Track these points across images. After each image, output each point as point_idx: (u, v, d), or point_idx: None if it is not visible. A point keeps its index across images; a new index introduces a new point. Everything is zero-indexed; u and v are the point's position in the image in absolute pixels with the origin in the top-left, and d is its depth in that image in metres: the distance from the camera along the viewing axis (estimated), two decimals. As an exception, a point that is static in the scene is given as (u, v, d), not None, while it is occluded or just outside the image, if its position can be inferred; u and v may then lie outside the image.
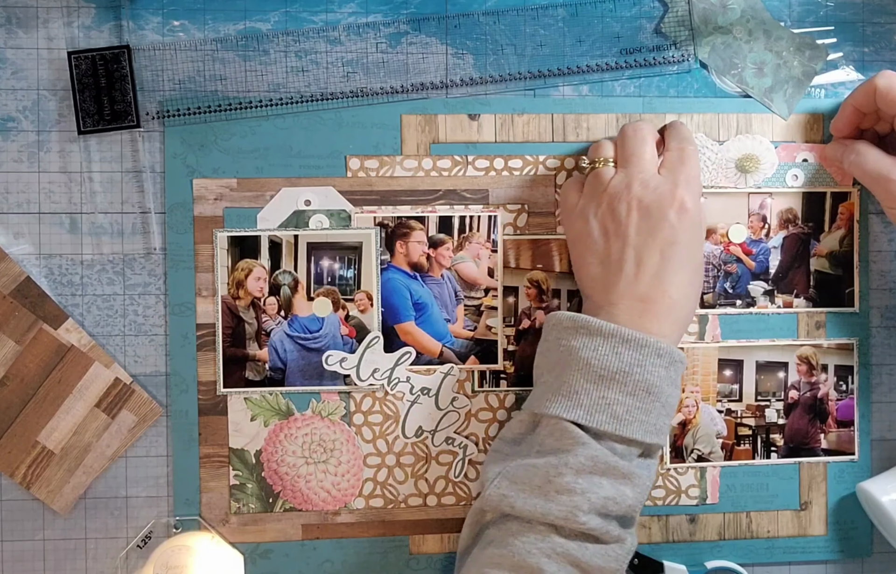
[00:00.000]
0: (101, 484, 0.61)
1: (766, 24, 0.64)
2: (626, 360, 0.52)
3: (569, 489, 0.50)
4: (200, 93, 0.61)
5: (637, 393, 0.52)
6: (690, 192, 0.55)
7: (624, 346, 0.52)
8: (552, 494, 0.51)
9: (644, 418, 0.52)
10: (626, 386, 0.52)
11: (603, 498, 0.51)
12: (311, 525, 0.62)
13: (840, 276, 0.65)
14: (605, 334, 0.52)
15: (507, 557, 0.51)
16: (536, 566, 0.50)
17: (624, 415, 0.52)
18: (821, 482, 0.65)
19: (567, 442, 0.52)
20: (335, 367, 0.61)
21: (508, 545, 0.51)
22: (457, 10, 0.62)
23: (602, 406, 0.52)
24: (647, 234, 0.54)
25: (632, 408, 0.52)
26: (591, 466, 0.51)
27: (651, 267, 0.54)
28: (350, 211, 0.62)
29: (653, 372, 0.52)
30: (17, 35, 0.60)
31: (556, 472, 0.51)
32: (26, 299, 0.60)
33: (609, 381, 0.52)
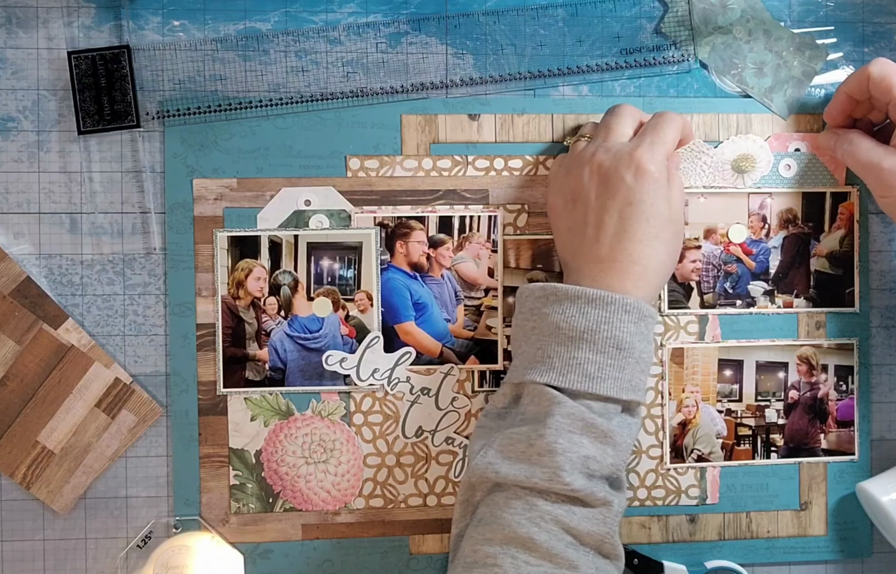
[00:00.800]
0: (101, 484, 0.61)
1: (766, 24, 0.64)
2: (592, 318, 0.52)
3: (549, 449, 0.51)
4: (200, 93, 0.61)
5: (607, 350, 0.52)
6: (653, 154, 0.55)
7: (590, 306, 0.53)
8: (535, 458, 0.51)
9: (617, 375, 0.53)
10: (596, 344, 0.52)
11: (583, 456, 0.51)
12: (311, 525, 0.62)
13: (840, 276, 0.65)
14: (572, 297, 0.53)
15: (497, 531, 0.51)
16: (527, 536, 0.50)
17: (596, 373, 0.52)
18: (821, 482, 0.65)
19: (545, 404, 0.52)
20: (335, 366, 0.61)
21: (497, 519, 0.51)
22: (457, 10, 0.62)
23: (573, 366, 0.52)
24: (605, 197, 0.55)
25: (603, 365, 0.52)
26: (569, 425, 0.51)
27: (610, 228, 0.55)
28: (350, 211, 0.62)
29: (621, 328, 0.52)
30: (17, 35, 0.60)
31: (537, 434, 0.51)
32: (26, 299, 0.60)
33: (578, 341, 0.52)
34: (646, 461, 0.64)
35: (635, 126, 0.58)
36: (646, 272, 0.55)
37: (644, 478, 0.64)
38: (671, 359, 0.64)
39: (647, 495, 0.64)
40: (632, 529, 0.64)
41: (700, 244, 0.64)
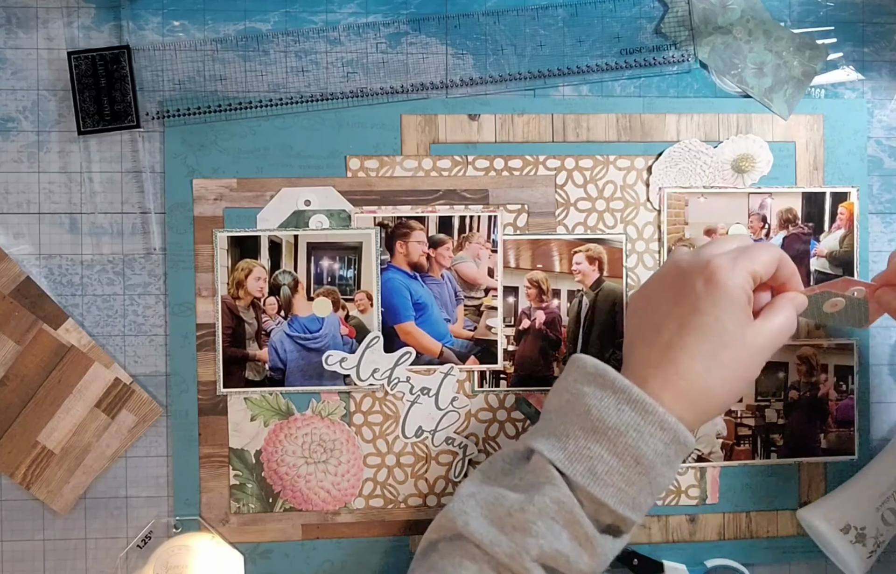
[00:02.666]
0: (101, 484, 0.61)
1: (766, 24, 0.64)
2: (625, 419, 0.48)
3: (524, 528, 0.48)
4: (200, 93, 0.61)
5: (624, 458, 0.48)
6: (733, 267, 0.50)
7: (628, 405, 0.49)
8: (508, 529, 0.48)
9: (623, 486, 0.48)
10: (616, 446, 0.48)
11: (555, 550, 0.48)
12: (311, 525, 0.62)
13: (840, 276, 0.65)
14: (616, 388, 0.49)
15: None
16: None
17: (602, 473, 0.48)
18: (820, 482, 0.65)
19: (541, 479, 0.49)
20: (335, 366, 0.61)
21: None
22: (457, 10, 0.62)
23: (584, 457, 0.48)
24: (672, 302, 0.51)
25: (613, 470, 0.48)
26: (555, 510, 0.48)
27: (666, 334, 0.50)
28: (350, 211, 0.62)
29: (649, 443, 0.48)
30: (17, 35, 0.60)
31: (521, 506, 0.48)
32: (26, 299, 0.60)
33: (600, 434, 0.49)
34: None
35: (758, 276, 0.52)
36: (689, 391, 0.49)
37: (644, 478, 0.64)
38: (671, 359, 0.64)
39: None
40: (632, 529, 0.64)
41: (700, 244, 0.64)
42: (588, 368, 0.51)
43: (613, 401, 0.49)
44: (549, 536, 0.48)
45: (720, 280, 0.50)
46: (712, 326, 0.49)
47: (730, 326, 0.50)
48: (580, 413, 0.50)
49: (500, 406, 0.63)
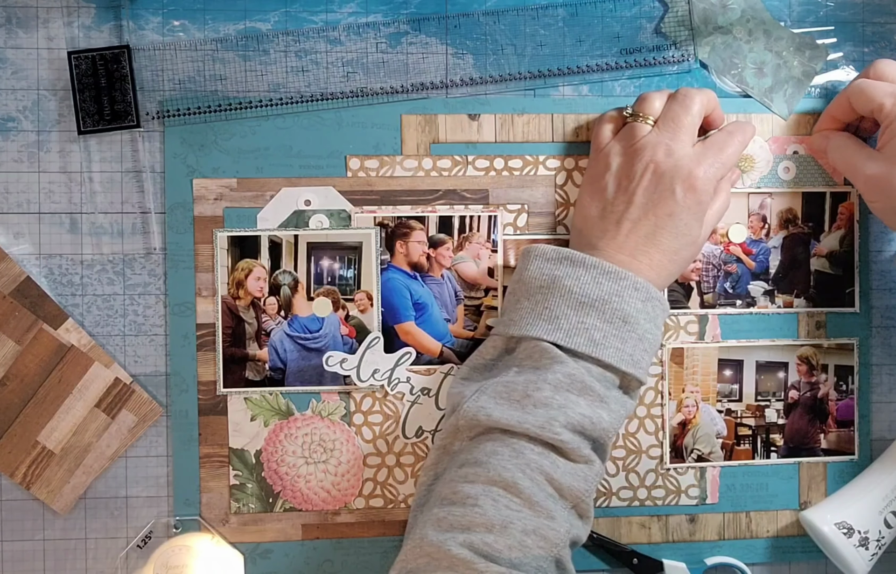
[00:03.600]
0: (101, 484, 0.61)
1: (766, 24, 0.64)
2: (605, 289, 0.54)
3: (546, 403, 0.52)
4: (200, 93, 0.61)
5: (614, 321, 0.54)
6: (708, 176, 0.56)
7: (604, 277, 0.54)
8: (529, 407, 0.52)
9: (620, 346, 0.54)
10: (604, 313, 0.54)
11: (579, 414, 0.52)
12: (311, 525, 0.62)
13: (840, 276, 0.65)
14: (588, 266, 0.55)
15: (481, 474, 0.52)
16: (511, 480, 0.51)
17: (601, 339, 0.54)
18: (820, 482, 0.65)
19: (546, 361, 0.54)
20: (335, 367, 0.61)
21: (482, 463, 0.52)
22: (457, 10, 0.62)
23: (581, 330, 0.54)
24: (649, 200, 0.56)
25: (608, 334, 0.54)
26: (569, 383, 0.53)
27: (642, 230, 0.56)
28: (350, 211, 0.62)
29: (629, 303, 0.54)
30: (17, 35, 0.60)
31: (535, 386, 0.53)
32: (26, 299, 0.60)
33: (588, 307, 0.54)
34: (646, 461, 0.64)
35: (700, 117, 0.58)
36: (658, 277, 0.57)
37: (644, 478, 0.64)
38: (671, 359, 0.64)
39: (647, 495, 0.64)
40: (632, 529, 0.64)
41: (700, 244, 0.64)
42: (551, 254, 0.56)
43: (590, 276, 0.55)
44: (568, 406, 0.52)
45: (697, 189, 0.56)
46: (683, 229, 0.56)
47: (693, 226, 0.57)
48: (562, 293, 0.55)
49: (500, 406, 0.63)
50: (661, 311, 0.56)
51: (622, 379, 0.55)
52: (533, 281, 0.56)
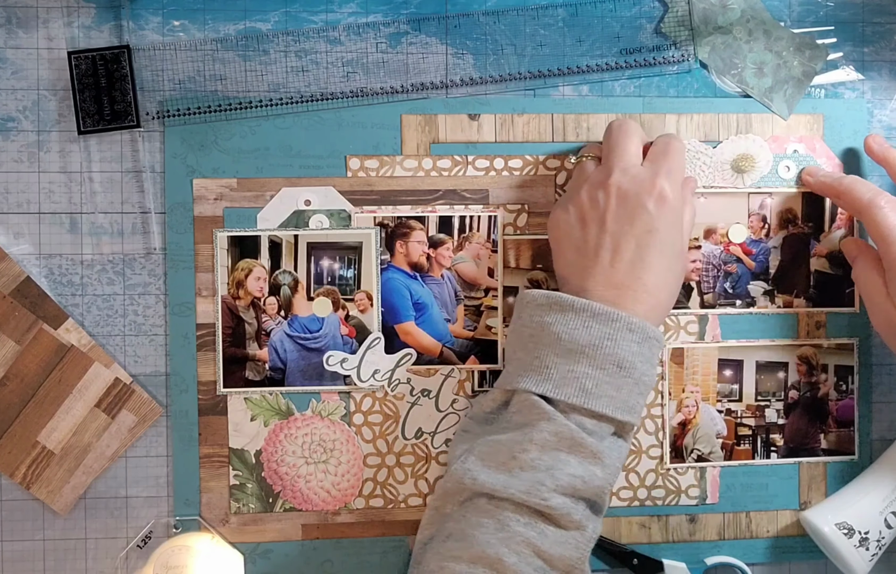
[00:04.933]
0: (101, 484, 0.61)
1: (766, 24, 0.64)
2: (595, 333, 0.51)
3: (532, 465, 0.50)
4: (200, 93, 0.61)
5: (607, 367, 0.51)
6: (671, 182, 0.54)
7: (594, 321, 0.51)
8: (516, 470, 0.50)
9: (614, 394, 0.51)
10: (596, 360, 0.51)
11: (569, 476, 0.50)
12: (311, 525, 0.62)
13: (840, 276, 0.65)
14: (577, 309, 0.52)
15: (465, 549, 0.50)
16: (496, 556, 0.49)
17: (593, 389, 0.51)
18: (820, 482, 0.65)
19: (533, 416, 0.51)
20: (336, 367, 0.61)
21: (467, 537, 0.50)
22: (457, 10, 0.62)
23: (570, 379, 0.51)
24: (624, 222, 0.54)
25: (601, 382, 0.51)
26: (556, 442, 0.50)
27: (627, 254, 0.53)
28: (350, 211, 0.62)
29: (624, 346, 0.51)
30: (17, 35, 0.60)
31: (521, 447, 0.50)
32: (26, 299, 0.60)
33: (578, 354, 0.51)
34: (646, 461, 0.64)
35: (641, 145, 0.57)
36: (658, 303, 0.54)
37: (644, 478, 0.64)
38: (671, 359, 0.64)
39: (647, 495, 0.64)
40: (632, 529, 0.64)
41: (700, 244, 0.64)
42: (540, 300, 0.53)
43: (579, 321, 0.51)
44: (557, 466, 0.50)
45: (667, 199, 0.54)
46: (666, 242, 0.54)
47: (676, 238, 0.55)
48: (551, 342, 0.52)
49: (500, 406, 0.63)
50: (658, 349, 0.54)
51: (617, 426, 0.53)
52: (525, 330, 0.54)
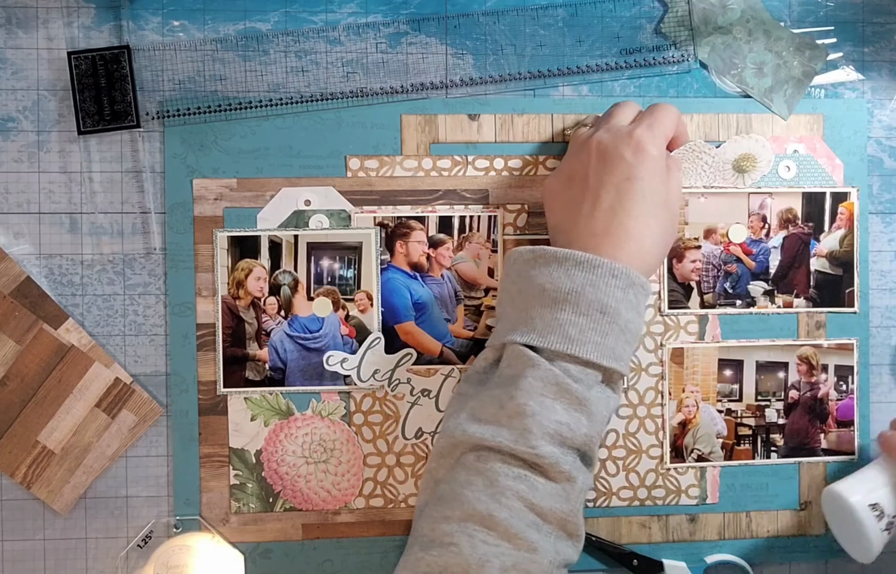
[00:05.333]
0: (101, 484, 0.61)
1: (766, 24, 0.64)
2: (578, 280, 0.51)
3: (519, 412, 0.50)
4: (200, 93, 0.61)
5: (590, 313, 0.51)
6: (652, 135, 0.55)
7: (576, 268, 0.52)
8: (504, 420, 0.50)
9: (599, 340, 0.51)
10: (579, 306, 0.51)
11: (556, 422, 0.50)
12: (311, 525, 0.62)
13: (840, 277, 0.65)
14: (560, 259, 0.52)
15: (456, 509, 0.50)
16: (486, 513, 0.49)
17: (577, 335, 0.51)
18: (821, 482, 0.65)
19: (520, 366, 0.51)
20: (336, 367, 0.61)
21: (457, 496, 0.50)
22: (457, 10, 0.62)
23: (554, 326, 0.51)
24: (603, 173, 0.55)
25: (585, 328, 0.51)
26: (542, 388, 0.50)
27: (606, 202, 0.54)
28: (350, 211, 0.62)
29: (607, 292, 0.51)
30: (17, 35, 0.60)
31: (508, 396, 0.51)
32: (26, 299, 0.60)
33: (562, 302, 0.51)
34: (646, 461, 0.64)
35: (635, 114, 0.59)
36: (640, 249, 0.54)
37: (644, 478, 0.64)
38: (671, 359, 0.64)
39: (647, 495, 0.64)
40: (632, 529, 0.64)
41: (700, 244, 0.64)
42: (526, 255, 0.54)
43: (562, 270, 0.52)
44: (543, 412, 0.50)
45: (646, 148, 0.54)
46: (646, 189, 0.54)
47: (659, 187, 0.55)
48: (535, 294, 0.52)
49: (500, 406, 0.63)
50: (644, 296, 0.53)
51: (604, 374, 0.53)
52: (513, 286, 0.55)
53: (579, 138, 0.58)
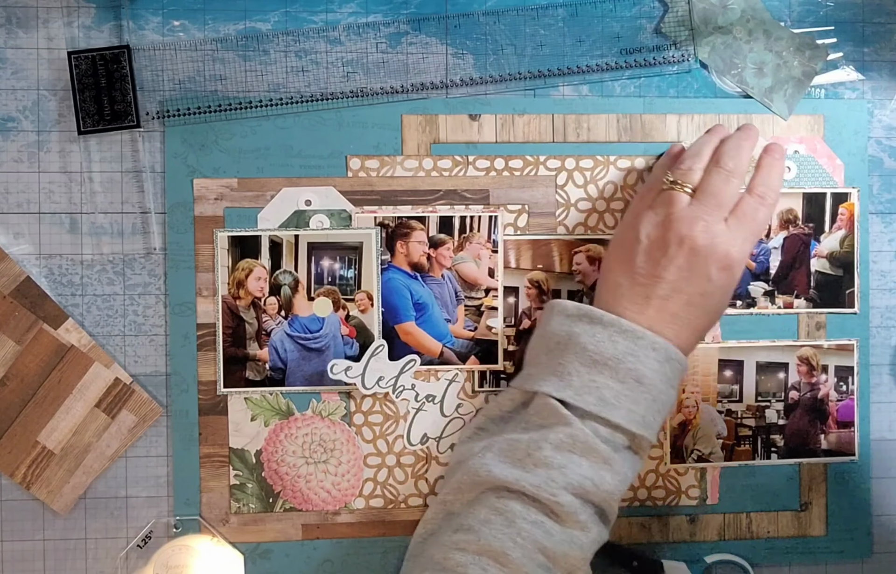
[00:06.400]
0: (101, 484, 0.61)
1: (766, 24, 0.64)
2: (620, 348, 0.53)
3: (546, 463, 0.52)
4: (200, 93, 0.61)
5: (627, 381, 0.53)
6: (743, 254, 0.55)
7: (621, 336, 0.53)
8: (530, 466, 0.52)
9: (632, 407, 0.53)
10: (618, 373, 0.53)
11: (580, 476, 0.51)
12: (311, 525, 0.62)
13: (840, 277, 0.65)
14: (605, 323, 0.54)
15: (472, 542, 0.51)
16: (501, 549, 0.50)
17: (611, 399, 0.52)
18: (821, 483, 0.65)
19: (551, 419, 0.53)
20: (340, 375, 0.61)
21: (475, 531, 0.52)
22: (457, 10, 0.62)
23: (591, 388, 0.53)
24: (684, 280, 0.54)
25: (620, 394, 0.53)
26: (571, 445, 0.52)
27: (672, 307, 0.54)
28: (350, 211, 0.62)
29: (646, 363, 0.53)
30: (17, 35, 0.60)
31: (537, 446, 0.52)
32: (26, 299, 0.60)
33: (602, 366, 0.53)
34: (646, 461, 0.64)
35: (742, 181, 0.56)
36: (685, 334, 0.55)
37: (644, 478, 0.64)
38: (671, 359, 0.64)
39: (647, 495, 0.64)
40: (632, 529, 0.64)
41: (700, 244, 0.64)
42: (571, 310, 0.55)
43: (606, 334, 0.53)
44: (570, 466, 0.51)
45: (732, 269, 0.55)
46: (714, 306, 0.55)
47: (724, 303, 0.56)
48: (577, 351, 0.54)
49: (501, 406, 0.63)
50: (680, 372, 0.55)
51: (632, 440, 0.54)
52: (552, 336, 0.55)
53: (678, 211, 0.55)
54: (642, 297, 0.54)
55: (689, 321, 0.54)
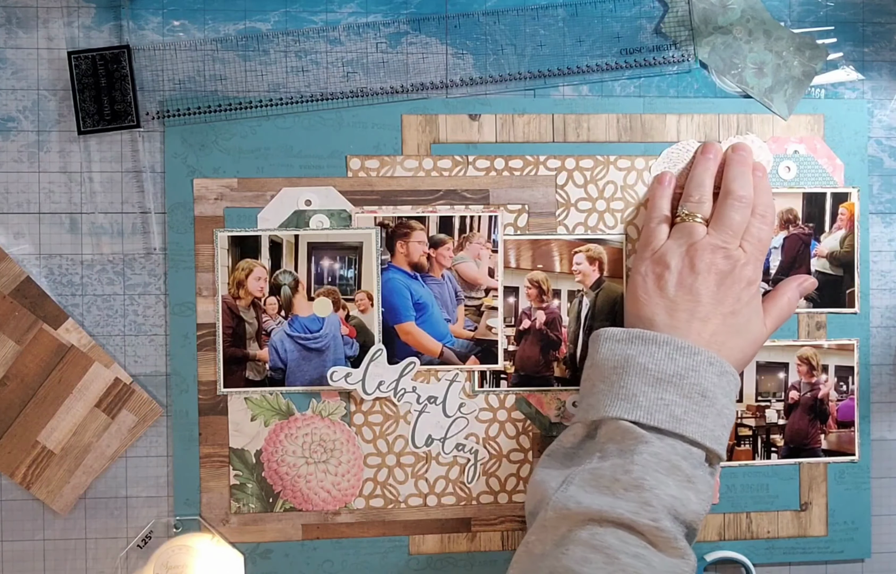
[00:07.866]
0: (101, 484, 0.61)
1: (766, 24, 0.64)
2: (680, 364, 0.54)
3: (637, 485, 0.50)
4: (200, 93, 0.61)
5: (692, 395, 0.53)
6: (758, 269, 0.59)
7: (678, 353, 0.54)
8: (620, 491, 0.50)
9: (701, 421, 0.53)
10: (682, 388, 0.53)
11: (671, 497, 0.50)
12: (311, 525, 0.62)
13: (840, 277, 0.65)
14: (660, 342, 0.54)
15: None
16: None
17: (682, 415, 0.53)
18: (821, 483, 0.65)
19: (630, 442, 0.52)
20: (340, 382, 0.60)
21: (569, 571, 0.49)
22: (457, 10, 0.62)
23: (660, 406, 0.53)
24: (717, 301, 0.57)
25: (689, 409, 0.53)
26: (656, 463, 0.51)
27: (712, 327, 0.57)
28: (350, 211, 0.62)
29: (706, 378, 0.54)
30: (17, 35, 0.60)
31: (623, 469, 0.51)
32: (26, 299, 0.60)
33: (666, 383, 0.53)
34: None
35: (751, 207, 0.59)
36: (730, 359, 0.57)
37: (644, 478, 0.64)
38: (671, 359, 0.64)
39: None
40: (632, 529, 0.64)
41: (700, 244, 0.64)
42: (620, 336, 0.56)
43: (663, 353, 0.54)
44: (660, 486, 0.50)
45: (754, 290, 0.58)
46: (744, 325, 0.58)
47: (758, 327, 0.59)
48: (637, 371, 0.54)
49: (501, 406, 0.63)
50: (735, 386, 0.56)
51: (707, 455, 0.54)
52: (606, 363, 0.55)
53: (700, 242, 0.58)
54: (684, 321, 0.56)
55: (725, 342, 0.56)
